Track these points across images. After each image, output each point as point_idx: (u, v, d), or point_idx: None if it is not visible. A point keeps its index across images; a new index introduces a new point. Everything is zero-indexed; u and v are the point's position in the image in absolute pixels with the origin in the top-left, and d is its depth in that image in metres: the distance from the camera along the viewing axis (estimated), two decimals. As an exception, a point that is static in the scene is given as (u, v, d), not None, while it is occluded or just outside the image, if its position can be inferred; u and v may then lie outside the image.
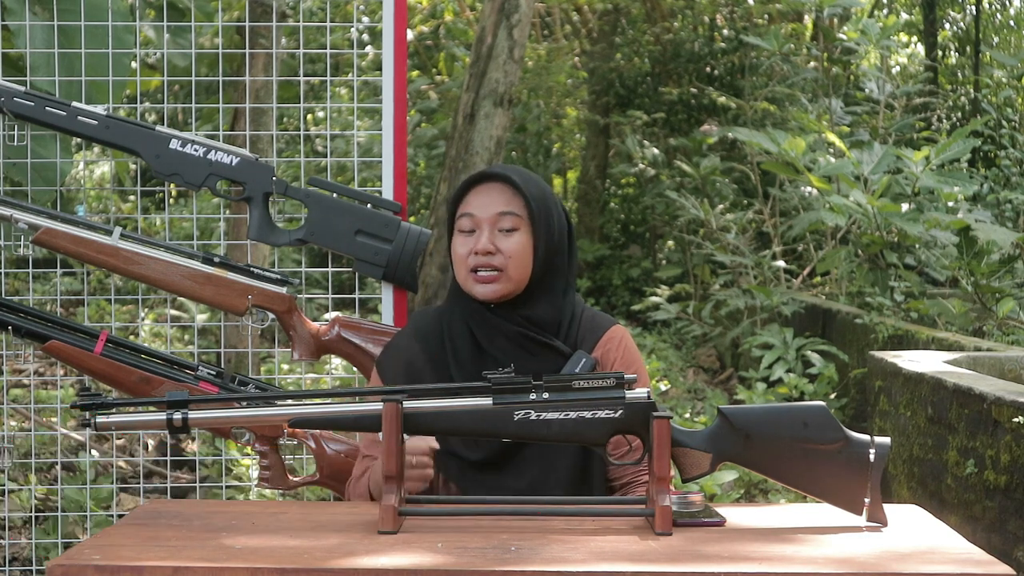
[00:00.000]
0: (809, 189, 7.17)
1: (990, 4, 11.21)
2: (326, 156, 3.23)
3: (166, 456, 3.31)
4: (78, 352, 2.57)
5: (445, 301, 2.29)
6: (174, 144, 2.75)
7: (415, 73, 11.14)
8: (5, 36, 3.02)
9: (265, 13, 4.38)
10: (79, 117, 2.74)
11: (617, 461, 1.96)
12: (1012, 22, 11.31)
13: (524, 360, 2.17)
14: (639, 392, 1.86)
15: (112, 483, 3.51)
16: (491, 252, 2.18)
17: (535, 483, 2.15)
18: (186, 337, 6.98)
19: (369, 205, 2.81)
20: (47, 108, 2.74)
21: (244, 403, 1.97)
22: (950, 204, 6.51)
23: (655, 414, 1.83)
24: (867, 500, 1.86)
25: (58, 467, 3.78)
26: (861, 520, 1.86)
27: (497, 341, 2.19)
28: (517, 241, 2.20)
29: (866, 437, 1.87)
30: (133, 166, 4.39)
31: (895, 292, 5.62)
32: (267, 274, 2.71)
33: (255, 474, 3.75)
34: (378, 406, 1.84)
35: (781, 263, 7.17)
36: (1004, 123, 8.56)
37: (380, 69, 2.90)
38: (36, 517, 3.75)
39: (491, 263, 2.18)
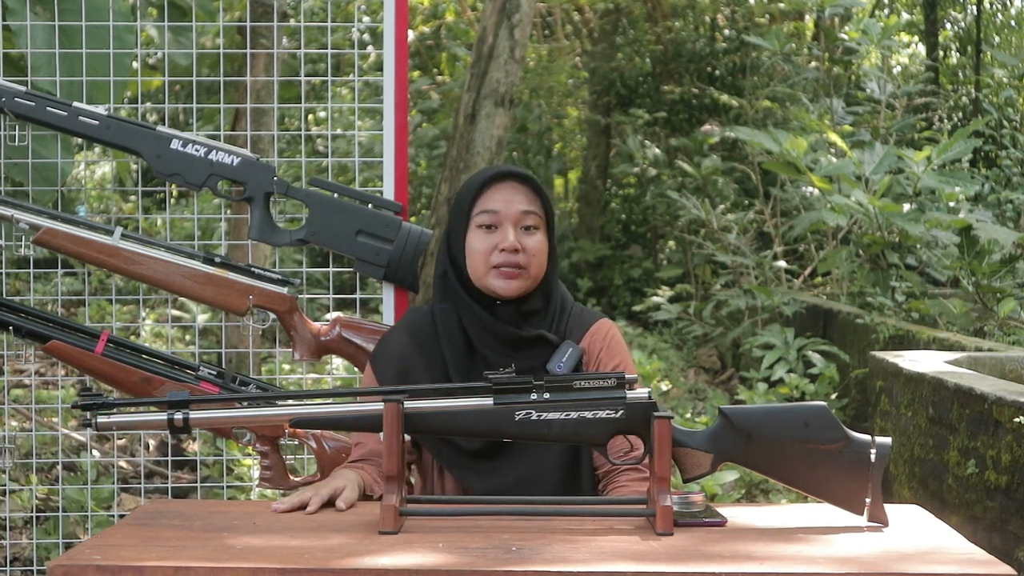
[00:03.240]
0: (810, 189, 7.16)
1: (991, 4, 11.21)
2: (327, 156, 3.23)
3: (167, 456, 3.31)
4: (79, 352, 2.57)
5: (436, 298, 2.28)
6: (175, 144, 2.75)
7: (416, 73, 11.14)
8: (6, 36, 3.02)
9: (266, 13, 4.38)
10: (80, 117, 2.74)
11: (619, 460, 1.96)
12: (1013, 22, 11.31)
13: (513, 357, 2.18)
14: (640, 392, 1.87)
15: (113, 483, 3.51)
16: (517, 250, 2.20)
17: (528, 472, 2.16)
18: (187, 337, 6.98)
19: (370, 205, 2.81)
20: (48, 108, 2.74)
21: (245, 403, 1.97)
22: (951, 204, 6.50)
23: (656, 414, 1.83)
24: (868, 500, 1.86)
25: (59, 467, 3.78)
26: (862, 520, 1.87)
27: (488, 341, 2.20)
28: (539, 240, 2.23)
29: (867, 437, 1.87)
30: (134, 166, 4.39)
31: (896, 292, 5.62)
32: (268, 274, 2.71)
33: (256, 474, 3.75)
34: (379, 406, 1.84)
35: (782, 263, 7.17)
36: (1005, 123, 8.54)
37: (381, 69, 2.90)
38: (37, 517, 3.75)
39: (516, 261, 2.20)
